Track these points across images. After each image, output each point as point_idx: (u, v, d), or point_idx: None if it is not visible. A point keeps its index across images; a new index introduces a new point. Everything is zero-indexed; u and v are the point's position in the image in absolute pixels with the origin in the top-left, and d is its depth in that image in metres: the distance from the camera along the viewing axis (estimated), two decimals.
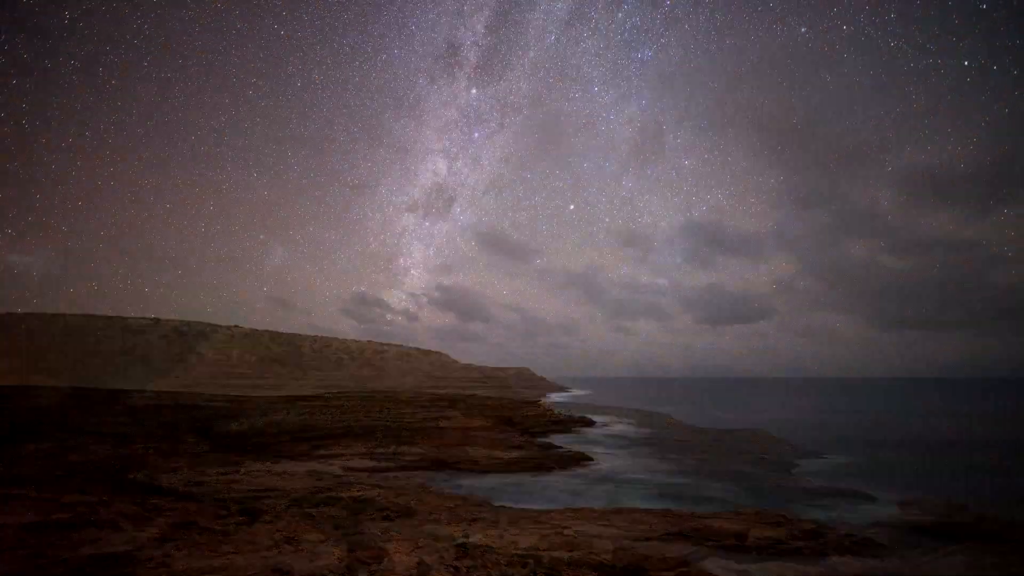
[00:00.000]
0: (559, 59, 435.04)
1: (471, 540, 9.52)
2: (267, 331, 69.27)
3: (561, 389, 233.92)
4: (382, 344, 74.46)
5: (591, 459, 56.66)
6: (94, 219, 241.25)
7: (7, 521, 14.14)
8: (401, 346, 75.77)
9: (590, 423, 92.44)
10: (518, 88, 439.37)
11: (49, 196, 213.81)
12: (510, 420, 72.52)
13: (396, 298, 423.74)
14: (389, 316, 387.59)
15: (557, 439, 70.80)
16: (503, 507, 33.34)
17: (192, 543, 17.12)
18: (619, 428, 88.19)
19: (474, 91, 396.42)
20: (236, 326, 69.34)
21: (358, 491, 35.68)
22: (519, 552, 9.36)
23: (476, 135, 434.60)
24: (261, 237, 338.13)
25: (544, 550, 9.38)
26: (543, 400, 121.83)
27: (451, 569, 7.49)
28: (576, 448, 62.12)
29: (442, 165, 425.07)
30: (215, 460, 50.17)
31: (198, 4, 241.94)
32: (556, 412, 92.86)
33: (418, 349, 76.14)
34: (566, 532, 19.67)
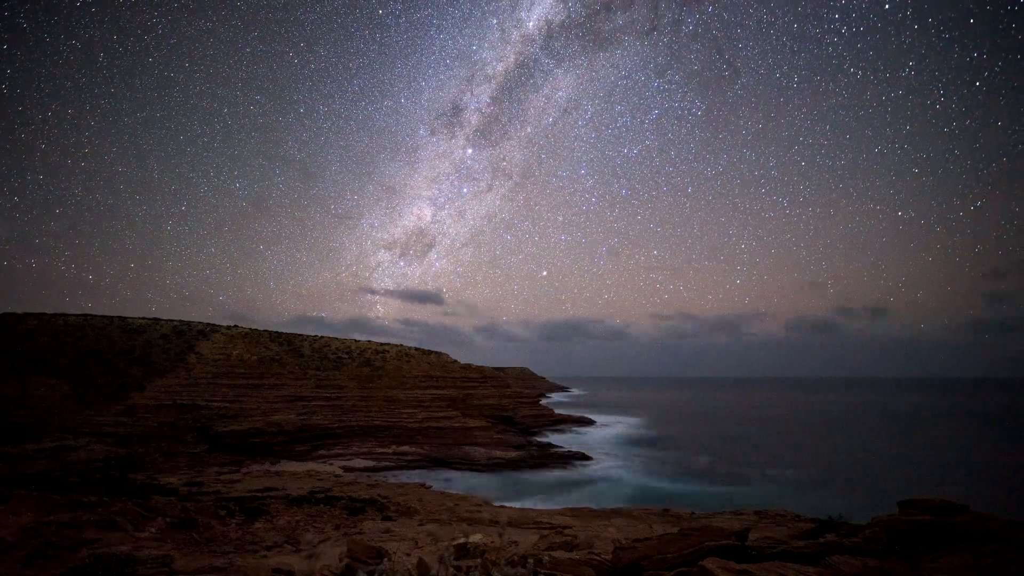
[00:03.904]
0: (553, 139, 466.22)
1: (471, 540, 9.51)
2: (267, 331, 69.27)
3: (561, 388, 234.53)
4: (382, 344, 74.41)
5: (590, 458, 56.75)
6: (52, 196, 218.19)
7: (7, 521, 14.13)
8: (401, 346, 75.72)
9: (589, 422, 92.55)
10: (512, 157, 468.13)
11: (7, 164, 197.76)
12: (510, 420, 72.63)
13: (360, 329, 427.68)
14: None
15: (556, 438, 70.93)
16: (503, 506, 33.43)
17: (192, 543, 17.13)
18: (619, 428, 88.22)
19: (470, 151, 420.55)
20: (236, 326, 69.40)
21: (358, 491, 35.71)
22: (519, 552, 9.35)
23: (465, 190, 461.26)
24: (229, 247, 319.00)
25: (544, 550, 9.37)
26: (542, 400, 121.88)
27: (451, 569, 7.50)
28: (575, 447, 62.27)
29: (427, 211, 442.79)
30: (215, 460, 50.32)
31: (218, 16, 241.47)
32: (555, 412, 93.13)
33: (418, 349, 76.10)
34: (566, 532, 19.68)
